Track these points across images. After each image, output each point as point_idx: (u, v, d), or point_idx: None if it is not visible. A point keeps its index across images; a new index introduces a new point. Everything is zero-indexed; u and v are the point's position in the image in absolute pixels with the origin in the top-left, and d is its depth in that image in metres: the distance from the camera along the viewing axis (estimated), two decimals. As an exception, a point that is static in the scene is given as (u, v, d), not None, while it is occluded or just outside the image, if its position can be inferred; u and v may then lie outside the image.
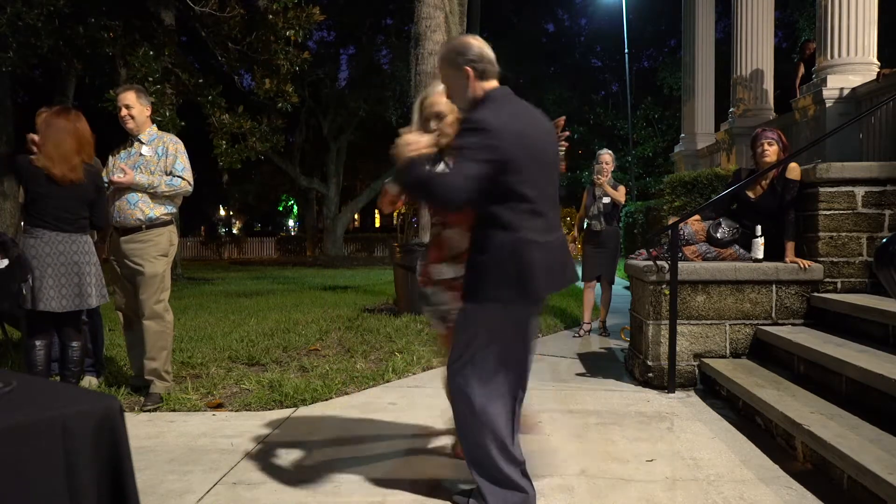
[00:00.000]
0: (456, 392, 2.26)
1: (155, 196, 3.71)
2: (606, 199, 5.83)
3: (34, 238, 3.33)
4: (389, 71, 21.96)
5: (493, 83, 2.19)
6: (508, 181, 2.06)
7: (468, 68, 2.15)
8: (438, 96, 2.42)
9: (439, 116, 2.44)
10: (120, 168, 3.65)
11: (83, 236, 3.47)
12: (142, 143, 3.78)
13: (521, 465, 2.24)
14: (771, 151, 4.14)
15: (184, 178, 3.76)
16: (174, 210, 3.85)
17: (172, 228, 3.85)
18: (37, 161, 3.31)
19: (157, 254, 3.73)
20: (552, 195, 2.20)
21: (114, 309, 4.00)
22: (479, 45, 2.19)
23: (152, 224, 3.71)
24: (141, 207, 3.67)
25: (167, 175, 3.74)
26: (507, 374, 2.21)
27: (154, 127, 3.87)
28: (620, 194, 5.84)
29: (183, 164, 3.78)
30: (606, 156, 5.94)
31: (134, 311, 3.81)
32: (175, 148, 3.80)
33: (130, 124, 3.76)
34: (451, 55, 2.19)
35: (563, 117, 2.39)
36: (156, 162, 3.75)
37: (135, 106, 3.74)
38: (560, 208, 2.30)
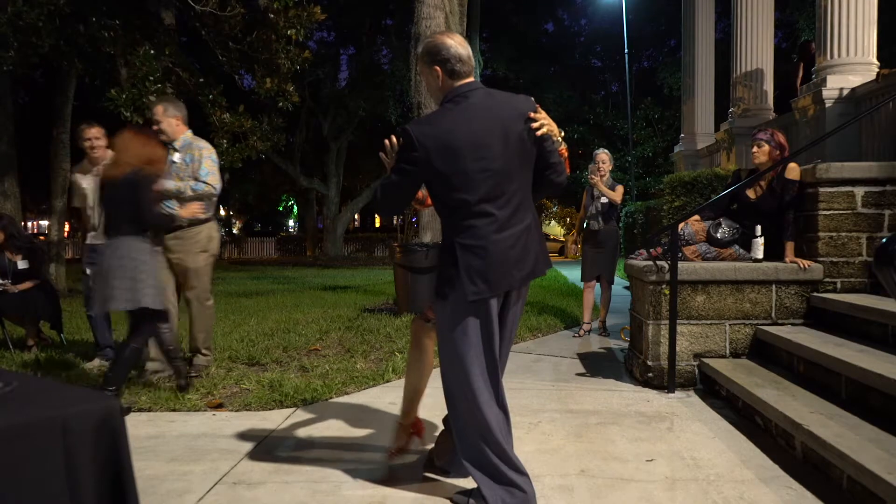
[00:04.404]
0: (445, 391, 2.30)
1: (183, 200, 4.04)
2: (604, 199, 5.83)
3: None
4: (389, 71, 21.96)
5: (462, 81, 2.22)
6: (442, 191, 2.18)
7: (437, 68, 2.22)
8: None
9: None
10: None
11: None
12: (175, 149, 4.12)
13: (519, 464, 2.24)
14: (760, 153, 4.14)
15: (207, 183, 4.07)
16: (211, 209, 4.22)
17: (212, 225, 4.25)
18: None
19: (197, 250, 4.14)
20: (509, 189, 2.18)
21: None
22: (454, 43, 2.22)
23: (192, 222, 4.08)
24: (176, 209, 4.02)
25: (194, 180, 4.07)
26: (473, 375, 2.20)
27: (188, 133, 4.20)
28: (618, 194, 5.83)
29: (207, 170, 4.11)
30: (603, 155, 5.94)
31: (170, 299, 4.17)
32: (201, 154, 4.13)
33: (162, 137, 4.08)
34: (423, 54, 2.26)
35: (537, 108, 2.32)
36: (184, 168, 4.09)
37: (162, 120, 4.07)
38: (527, 196, 2.28)
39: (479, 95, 2.20)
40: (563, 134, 2.36)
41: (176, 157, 4.07)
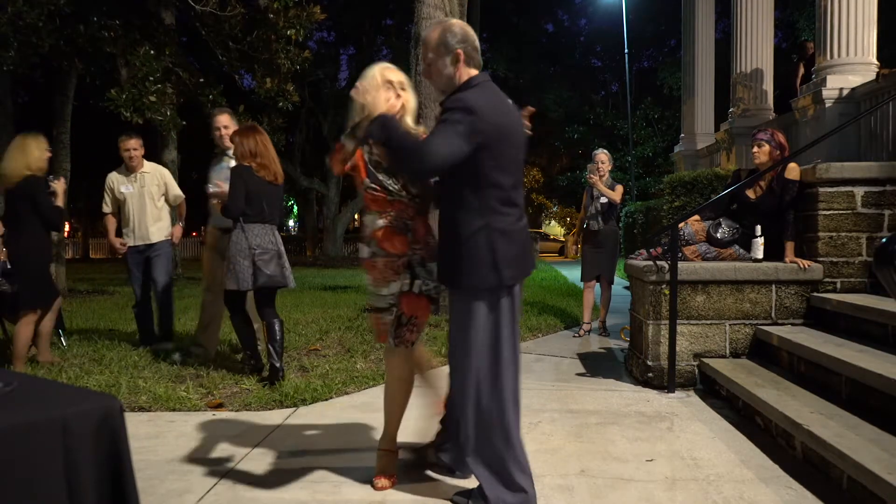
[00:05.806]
0: (463, 387, 2.23)
1: None
2: (604, 199, 5.83)
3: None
4: (390, 71, 21.90)
5: (476, 69, 2.23)
6: (485, 167, 2.10)
7: (460, 51, 2.19)
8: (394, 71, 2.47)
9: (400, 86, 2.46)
10: (214, 183, 4.31)
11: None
12: (229, 157, 4.36)
13: (525, 464, 2.24)
14: (761, 153, 4.15)
15: None
16: None
17: None
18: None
19: None
20: (522, 181, 2.26)
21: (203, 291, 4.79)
22: (470, 30, 2.25)
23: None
24: None
25: None
26: (503, 364, 2.18)
27: None
28: (617, 194, 5.83)
29: None
30: (602, 155, 5.94)
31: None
32: None
33: (227, 142, 4.36)
34: (443, 37, 2.20)
35: (533, 109, 2.41)
36: None
37: (230, 126, 4.38)
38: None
39: (495, 88, 2.22)
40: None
41: (232, 163, 4.23)
